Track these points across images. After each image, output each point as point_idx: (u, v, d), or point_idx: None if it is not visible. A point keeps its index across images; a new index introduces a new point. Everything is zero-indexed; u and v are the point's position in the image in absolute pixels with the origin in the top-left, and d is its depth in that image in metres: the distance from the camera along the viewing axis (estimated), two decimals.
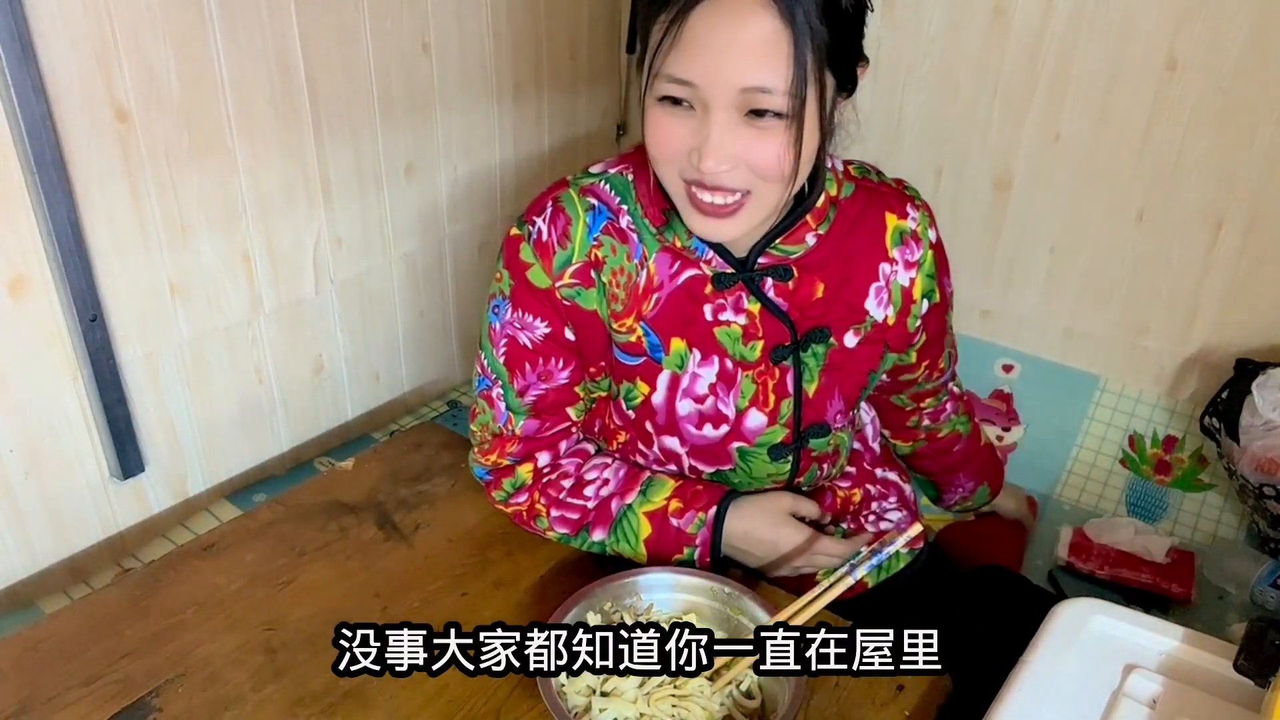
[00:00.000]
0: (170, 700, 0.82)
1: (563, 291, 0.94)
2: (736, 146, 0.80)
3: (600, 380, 1.02)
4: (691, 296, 0.94)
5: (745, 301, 0.94)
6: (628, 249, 0.93)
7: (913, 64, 1.65)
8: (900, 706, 0.83)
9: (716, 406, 0.97)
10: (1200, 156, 1.46)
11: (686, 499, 0.98)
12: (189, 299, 1.28)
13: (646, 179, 0.92)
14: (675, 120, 0.81)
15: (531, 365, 0.97)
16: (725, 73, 0.77)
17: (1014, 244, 1.67)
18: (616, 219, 0.93)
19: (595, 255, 0.93)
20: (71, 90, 1.08)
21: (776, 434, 0.99)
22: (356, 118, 1.43)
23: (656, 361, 0.96)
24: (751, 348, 0.95)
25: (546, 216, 0.93)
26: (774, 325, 0.95)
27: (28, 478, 1.17)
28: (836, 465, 1.10)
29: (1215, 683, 0.77)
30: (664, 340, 0.95)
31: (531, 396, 0.98)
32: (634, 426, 1.01)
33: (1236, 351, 1.50)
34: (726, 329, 0.95)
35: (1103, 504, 1.58)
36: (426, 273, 1.65)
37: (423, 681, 0.84)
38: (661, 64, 0.79)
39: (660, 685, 0.80)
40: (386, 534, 1.04)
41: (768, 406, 0.97)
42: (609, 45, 1.94)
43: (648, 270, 0.94)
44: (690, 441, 0.99)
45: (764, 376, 0.97)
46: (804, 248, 0.93)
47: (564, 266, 0.93)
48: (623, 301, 0.94)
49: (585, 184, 0.94)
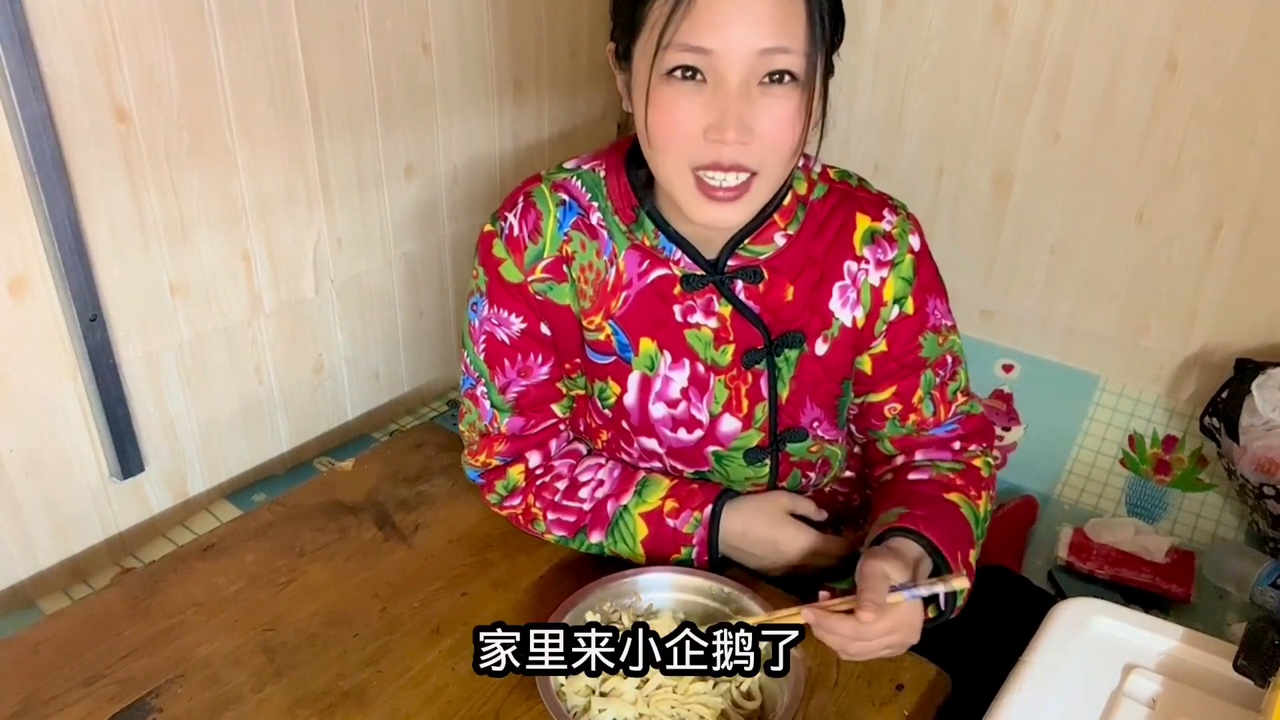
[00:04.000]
0: (170, 701, 0.82)
1: (535, 286, 0.94)
2: (754, 115, 0.80)
3: (576, 378, 1.01)
4: (661, 296, 0.94)
5: (716, 304, 0.94)
6: (597, 245, 0.93)
7: (913, 64, 1.65)
8: (900, 706, 0.83)
9: (690, 411, 0.97)
10: (1200, 156, 1.46)
11: (682, 499, 0.97)
12: (189, 299, 1.28)
13: (618, 176, 0.92)
14: (686, 96, 0.80)
15: (510, 361, 0.97)
16: (743, 35, 0.77)
17: (1014, 244, 1.67)
18: (587, 215, 0.93)
19: (566, 250, 0.93)
20: (71, 90, 1.08)
21: (751, 438, 0.98)
22: (356, 118, 1.43)
23: (626, 361, 0.96)
24: (723, 352, 0.95)
25: (518, 212, 0.93)
26: (745, 329, 0.94)
27: (28, 478, 1.17)
28: (828, 476, 1.08)
29: (1215, 683, 0.77)
30: (633, 340, 0.95)
31: (513, 393, 0.98)
32: (612, 425, 1.01)
33: (1236, 351, 1.50)
34: (697, 332, 0.94)
35: (1103, 504, 1.58)
36: (426, 272, 1.65)
37: (422, 681, 0.84)
38: (674, 34, 0.78)
39: (660, 686, 0.80)
40: (386, 534, 1.04)
41: (741, 411, 0.97)
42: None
43: (617, 267, 0.93)
44: (667, 444, 0.99)
45: (736, 381, 0.96)
46: (773, 248, 0.92)
47: (535, 261, 0.93)
48: (590, 298, 0.94)
49: (557, 179, 0.95)
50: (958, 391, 1.01)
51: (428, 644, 0.89)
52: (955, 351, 1.01)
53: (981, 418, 1.04)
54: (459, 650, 0.88)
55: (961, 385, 1.02)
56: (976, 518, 0.97)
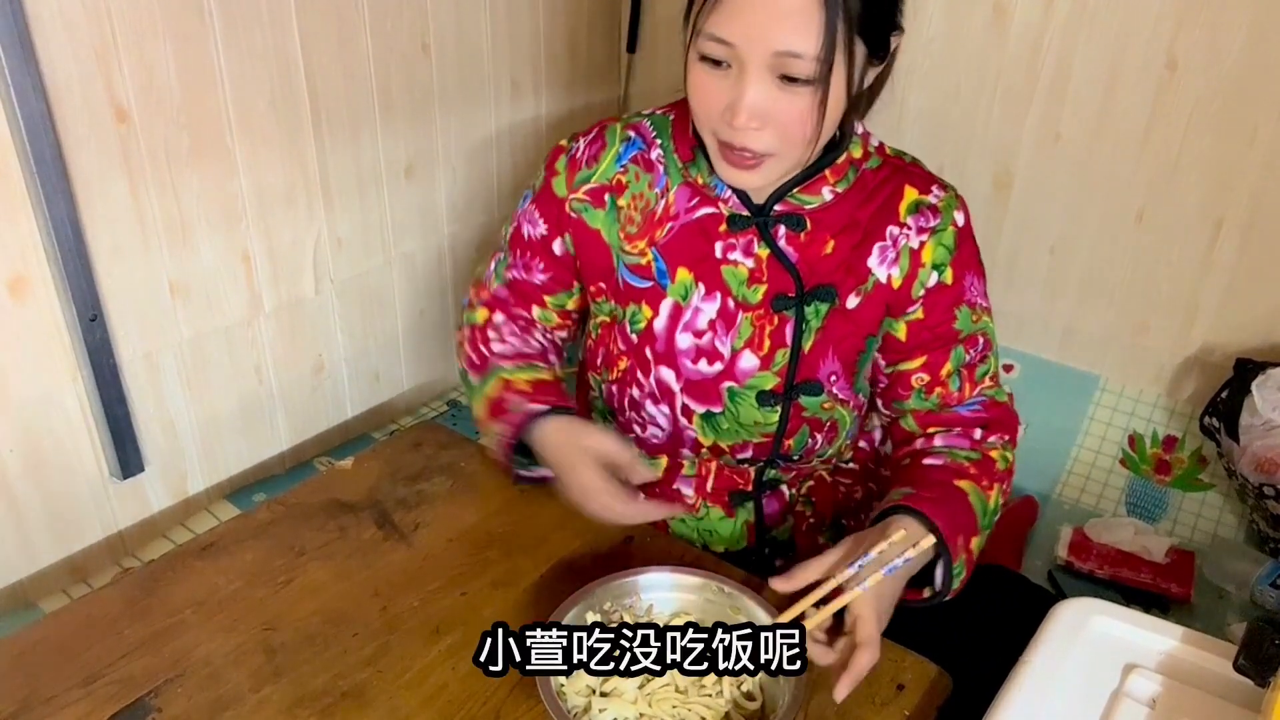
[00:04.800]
0: (170, 700, 0.82)
1: (573, 204, 1.03)
2: (767, 106, 0.85)
3: (601, 302, 1.06)
4: (704, 232, 0.99)
5: (756, 246, 0.98)
6: (651, 177, 1.01)
7: (913, 64, 1.65)
8: (900, 706, 0.83)
9: (714, 343, 1.00)
10: (1200, 156, 1.46)
11: (536, 390, 1.02)
12: (189, 299, 1.28)
13: (685, 122, 0.99)
14: (713, 79, 0.87)
15: (521, 252, 1.08)
16: (760, 35, 0.82)
17: (1014, 244, 1.67)
18: (648, 151, 1.02)
19: (618, 180, 1.01)
20: (71, 90, 1.09)
21: (767, 380, 1.00)
22: (356, 118, 1.43)
23: (662, 287, 1.00)
24: (754, 290, 0.98)
25: (589, 138, 1.03)
26: (780, 274, 0.98)
27: (28, 478, 1.17)
28: (834, 444, 1.08)
29: (1215, 683, 0.77)
30: (671, 268, 1.00)
31: (511, 274, 1.10)
32: (635, 352, 1.04)
33: (1236, 351, 1.50)
34: (734, 269, 0.98)
35: (1103, 504, 1.58)
36: (426, 273, 1.66)
37: (422, 681, 0.84)
38: (704, 23, 0.84)
39: (661, 686, 0.80)
40: (386, 533, 1.03)
41: (762, 350, 0.99)
42: (609, 45, 1.94)
43: (666, 200, 1.00)
44: (685, 375, 1.02)
45: (762, 321, 0.99)
46: (820, 200, 0.97)
47: (582, 183, 1.02)
48: (638, 224, 1.01)
49: (631, 121, 1.04)
50: (986, 375, 1.04)
51: (427, 643, 0.89)
52: (988, 334, 1.04)
53: (1007, 407, 1.06)
54: (459, 650, 0.87)
55: (990, 370, 1.05)
56: (985, 508, 0.97)
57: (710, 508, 1.10)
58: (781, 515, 1.11)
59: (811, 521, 1.11)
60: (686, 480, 1.10)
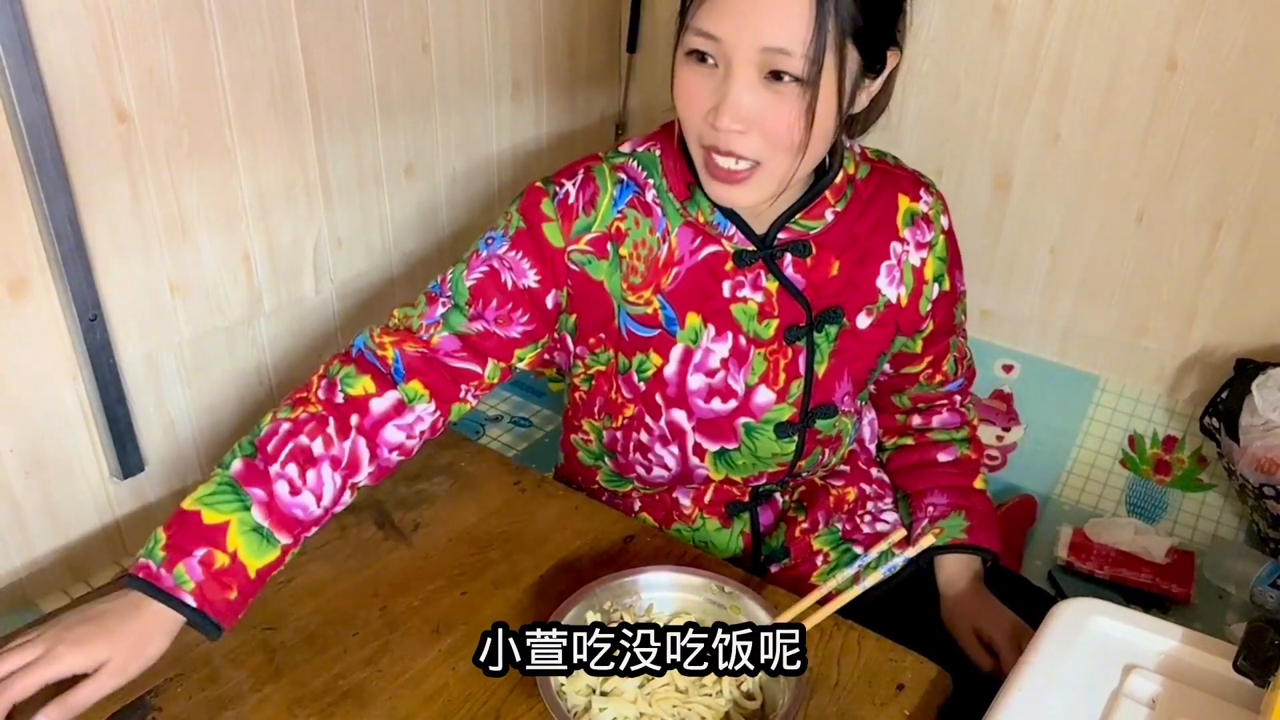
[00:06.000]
0: (169, 700, 0.82)
1: (574, 256, 0.95)
2: (753, 107, 0.82)
3: (599, 353, 1.02)
4: (711, 273, 0.96)
5: (764, 279, 0.96)
6: (651, 222, 0.96)
7: (913, 64, 1.64)
8: (900, 706, 0.83)
9: (726, 381, 0.98)
10: (1200, 156, 1.46)
11: (239, 585, 0.82)
12: (189, 298, 1.28)
13: (673, 153, 0.95)
14: (699, 77, 0.84)
15: (499, 304, 0.94)
16: (748, 30, 0.80)
17: (1014, 244, 1.67)
18: (642, 193, 0.96)
19: (617, 228, 0.95)
20: (71, 90, 1.08)
21: (784, 412, 1.00)
22: (356, 118, 1.43)
23: (671, 335, 0.97)
24: (766, 325, 0.97)
25: (577, 182, 0.96)
26: (790, 305, 0.97)
27: (28, 478, 1.17)
28: (839, 452, 1.10)
29: (1215, 683, 0.77)
30: (680, 314, 0.97)
31: (474, 327, 0.94)
32: (644, 399, 1.01)
33: (1236, 351, 1.50)
34: (743, 306, 0.97)
35: (1103, 504, 1.58)
36: (426, 273, 1.65)
37: (422, 681, 0.84)
38: (693, 18, 0.82)
39: (661, 685, 0.80)
40: (385, 533, 1.04)
41: (777, 385, 0.99)
42: (608, 45, 1.94)
43: (669, 244, 0.96)
44: (698, 415, 1.00)
45: (775, 355, 0.98)
46: (823, 223, 0.96)
47: (582, 233, 0.95)
48: (642, 274, 0.96)
49: (617, 161, 0.97)
50: (963, 342, 1.14)
51: (427, 643, 0.89)
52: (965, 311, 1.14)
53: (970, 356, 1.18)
54: (459, 650, 0.88)
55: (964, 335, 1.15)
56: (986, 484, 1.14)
57: (707, 519, 1.09)
58: (776, 523, 1.11)
59: (805, 526, 1.11)
60: (685, 490, 1.10)
